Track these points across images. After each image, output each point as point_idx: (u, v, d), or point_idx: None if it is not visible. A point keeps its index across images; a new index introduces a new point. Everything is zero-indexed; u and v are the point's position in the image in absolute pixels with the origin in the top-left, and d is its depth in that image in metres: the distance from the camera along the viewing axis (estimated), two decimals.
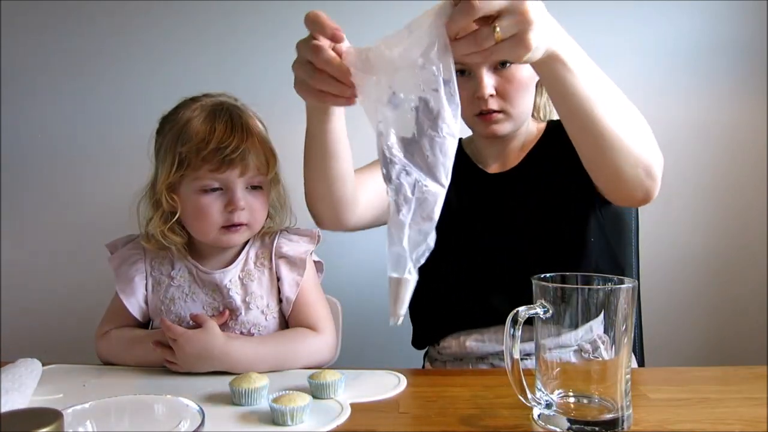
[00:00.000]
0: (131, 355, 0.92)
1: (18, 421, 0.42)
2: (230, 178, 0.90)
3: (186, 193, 0.92)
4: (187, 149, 0.89)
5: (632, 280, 0.65)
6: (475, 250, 1.01)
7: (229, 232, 0.92)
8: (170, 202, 0.92)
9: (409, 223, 0.60)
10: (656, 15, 1.61)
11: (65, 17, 1.68)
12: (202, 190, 0.91)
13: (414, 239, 0.60)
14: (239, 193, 0.91)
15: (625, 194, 0.85)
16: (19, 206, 1.71)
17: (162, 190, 0.92)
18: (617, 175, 0.80)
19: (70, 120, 1.70)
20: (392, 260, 0.60)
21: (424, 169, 0.61)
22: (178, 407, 0.53)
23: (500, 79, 0.95)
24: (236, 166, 0.90)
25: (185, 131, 0.91)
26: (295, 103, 0.77)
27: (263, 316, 0.96)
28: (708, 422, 0.65)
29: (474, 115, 0.98)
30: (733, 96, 1.62)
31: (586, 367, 0.70)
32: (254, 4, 1.65)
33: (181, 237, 0.95)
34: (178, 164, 0.90)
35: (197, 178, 0.90)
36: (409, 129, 0.61)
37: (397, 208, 0.60)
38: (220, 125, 0.90)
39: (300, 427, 0.66)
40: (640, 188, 0.81)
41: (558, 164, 0.97)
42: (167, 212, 0.93)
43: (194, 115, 0.92)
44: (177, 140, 0.91)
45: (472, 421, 0.67)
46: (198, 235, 0.94)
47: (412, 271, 0.60)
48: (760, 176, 1.62)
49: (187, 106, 0.95)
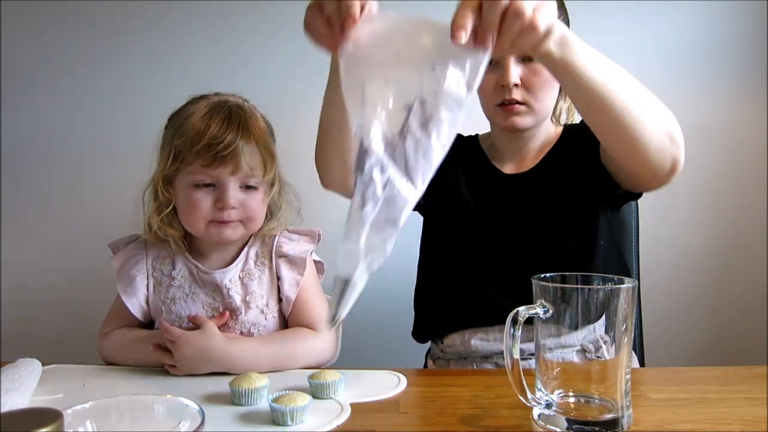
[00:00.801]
0: (132, 355, 0.92)
1: (18, 421, 0.42)
2: (222, 175, 0.91)
3: (180, 187, 0.93)
4: (182, 143, 0.90)
5: (632, 280, 0.65)
6: (486, 248, 1.01)
7: (219, 226, 0.92)
8: (165, 194, 0.93)
9: (372, 222, 0.55)
10: (656, 15, 1.61)
11: (65, 17, 1.68)
12: (194, 185, 0.92)
13: (372, 241, 0.55)
14: (230, 191, 0.91)
15: (654, 168, 0.83)
16: (19, 206, 1.71)
17: (158, 182, 0.93)
18: (644, 148, 0.80)
19: (70, 120, 1.70)
20: (343, 258, 0.55)
21: (401, 169, 0.56)
22: (178, 407, 0.53)
23: (527, 70, 0.95)
24: (228, 164, 0.90)
25: (183, 125, 0.92)
26: (295, 104, 0.77)
27: (263, 316, 0.96)
28: (708, 422, 0.65)
29: (496, 105, 0.98)
30: (733, 96, 1.62)
31: (586, 367, 0.70)
32: (254, 4, 1.65)
33: (176, 230, 0.96)
34: (173, 157, 0.91)
35: (190, 172, 0.91)
36: (395, 125, 0.57)
37: (362, 202, 0.55)
38: (216, 122, 0.91)
39: (300, 427, 0.66)
40: (669, 156, 0.81)
41: (573, 167, 0.97)
42: (163, 204, 0.94)
43: (195, 112, 0.93)
44: (175, 134, 0.92)
45: (472, 421, 0.67)
46: (189, 228, 0.95)
47: (362, 275, 0.55)
48: (760, 176, 1.62)
49: (194, 102, 0.96)
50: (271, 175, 0.95)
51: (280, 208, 1.00)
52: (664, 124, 0.80)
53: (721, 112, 1.63)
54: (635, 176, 0.90)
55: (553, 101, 1.02)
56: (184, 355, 0.84)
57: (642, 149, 0.80)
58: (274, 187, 0.98)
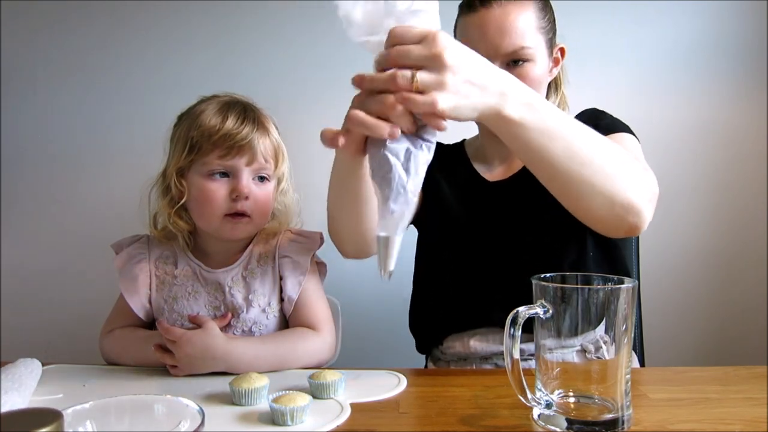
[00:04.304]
0: (134, 354, 0.92)
1: (18, 421, 0.42)
2: (238, 165, 0.93)
3: (194, 178, 0.94)
4: (199, 134, 0.92)
5: (632, 280, 0.65)
6: (477, 252, 1.01)
7: (232, 221, 0.93)
8: (178, 187, 0.95)
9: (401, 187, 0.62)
10: (656, 15, 1.61)
11: (65, 17, 1.68)
12: (209, 175, 0.93)
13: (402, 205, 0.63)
14: (244, 181, 0.93)
15: (607, 231, 0.84)
16: (19, 206, 1.71)
17: (172, 174, 0.95)
18: (593, 218, 0.80)
19: (70, 120, 1.70)
20: (382, 220, 0.63)
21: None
22: (178, 407, 0.53)
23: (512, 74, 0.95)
24: (245, 154, 0.92)
25: (198, 119, 0.94)
26: (296, 103, 0.77)
27: (264, 315, 0.96)
28: (708, 422, 0.65)
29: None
30: (733, 96, 1.62)
31: (586, 367, 0.70)
32: (254, 4, 1.65)
33: (187, 224, 0.97)
34: (189, 149, 0.93)
35: (205, 163, 0.93)
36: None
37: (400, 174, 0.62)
38: (233, 115, 0.94)
39: (300, 427, 0.66)
40: (622, 225, 0.79)
41: None
42: (175, 198, 0.95)
43: (209, 107, 0.96)
44: (190, 127, 0.94)
45: (472, 421, 0.67)
46: (202, 221, 0.95)
47: (399, 233, 0.64)
48: (760, 176, 1.62)
49: (204, 101, 0.99)
50: (282, 168, 0.98)
51: (282, 208, 1.02)
52: (623, 197, 0.76)
53: (721, 112, 1.63)
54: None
55: None
56: (186, 355, 0.84)
57: (591, 219, 0.80)
58: (281, 184, 1.00)
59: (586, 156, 0.74)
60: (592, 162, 0.74)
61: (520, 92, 0.69)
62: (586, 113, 1.05)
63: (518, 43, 0.93)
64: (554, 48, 1.03)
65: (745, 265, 1.64)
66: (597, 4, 1.61)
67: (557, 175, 0.75)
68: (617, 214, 0.77)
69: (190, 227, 0.98)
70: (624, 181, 0.77)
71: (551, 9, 1.02)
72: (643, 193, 0.79)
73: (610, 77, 1.61)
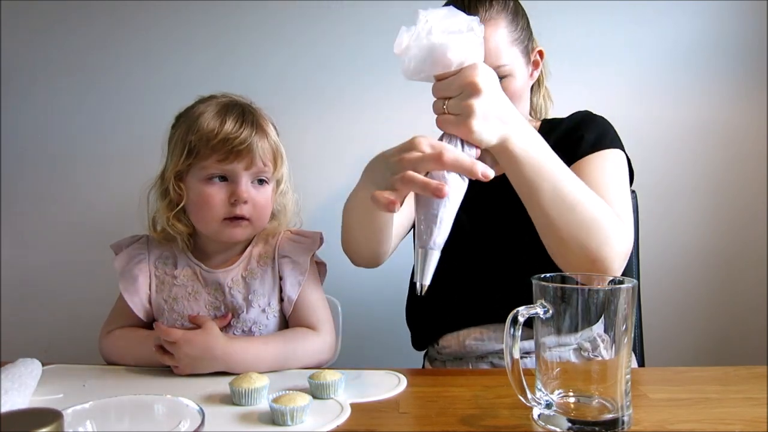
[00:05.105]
0: (134, 355, 0.92)
1: (18, 421, 0.42)
2: (236, 170, 0.92)
3: (192, 182, 0.94)
4: (197, 138, 0.92)
5: (632, 280, 0.65)
6: (475, 251, 1.01)
7: (231, 225, 0.93)
8: (177, 190, 0.94)
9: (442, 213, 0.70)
10: (655, 15, 1.61)
11: (65, 17, 1.68)
12: (207, 179, 0.93)
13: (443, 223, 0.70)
14: (243, 185, 0.93)
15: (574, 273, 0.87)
16: (19, 206, 1.71)
17: (170, 178, 0.94)
18: (566, 263, 0.82)
19: (69, 120, 1.70)
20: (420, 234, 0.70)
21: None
22: (178, 407, 0.53)
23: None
24: (243, 158, 0.92)
25: (197, 122, 0.93)
26: (295, 103, 0.77)
27: (264, 315, 0.96)
28: (708, 422, 0.65)
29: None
30: (733, 96, 1.62)
31: (586, 366, 0.70)
32: (254, 4, 1.65)
33: (186, 227, 0.97)
34: (187, 153, 0.93)
35: (204, 167, 0.92)
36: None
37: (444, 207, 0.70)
38: (231, 118, 0.93)
39: (300, 427, 0.66)
40: (585, 269, 0.81)
41: None
42: (174, 201, 0.95)
43: (207, 109, 0.95)
44: (188, 131, 0.93)
45: (472, 421, 0.67)
46: (200, 225, 0.95)
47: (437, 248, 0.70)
48: (760, 176, 1.62)
49: (202, 102, 0.98)
50: (281, 171, 0.98)
51: (282, 208, 1.02)
52: (593, 253, 0.79)
53: (721, 112, 1.63)
54: None
55: (524, 111, 1.02)
56: (186, 355, 0.84)
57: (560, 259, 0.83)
58: (280, 186, 1.00)
59: (571, 202, 0.78)
60: (573, 209, 0.79)
61: (524, 130, 0.77)
62: (578, 116, 1.05)
63: (493, 63, 0.92)
64: (532, 53, 1.02)
65: (745, 265, 1.64)
66: (597, 4, 1.61)
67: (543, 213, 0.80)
68: (587, 266, 0.80)
69: (189, 230, 0.98)
70: (600, 236, 0.79)
71: (523, 14, 1.01)
72: (617, 250, 0.81)
73: (610, 77, 1.61)
